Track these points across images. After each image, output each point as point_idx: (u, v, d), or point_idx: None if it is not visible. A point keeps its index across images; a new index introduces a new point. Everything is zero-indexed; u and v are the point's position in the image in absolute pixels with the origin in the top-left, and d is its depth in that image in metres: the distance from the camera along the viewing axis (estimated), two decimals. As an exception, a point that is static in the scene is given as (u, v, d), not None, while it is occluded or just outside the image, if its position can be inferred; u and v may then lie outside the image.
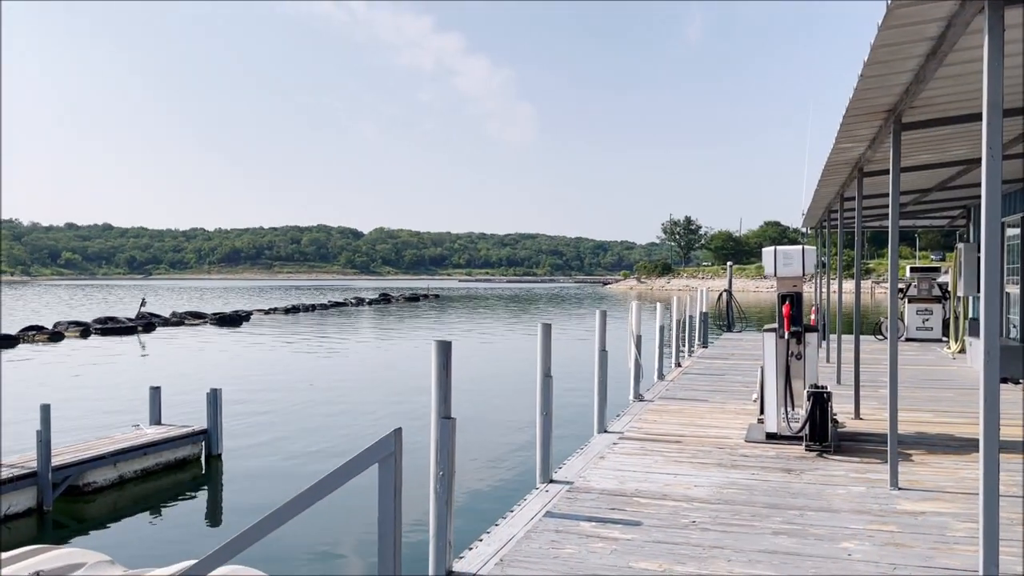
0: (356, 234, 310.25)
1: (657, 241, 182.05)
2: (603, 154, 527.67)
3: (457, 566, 5.05)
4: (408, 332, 40.71)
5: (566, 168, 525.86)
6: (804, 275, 8.56)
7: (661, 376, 13.93)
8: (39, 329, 36.59)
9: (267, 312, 56.30)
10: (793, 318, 8.46)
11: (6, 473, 9.59)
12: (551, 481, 7.07)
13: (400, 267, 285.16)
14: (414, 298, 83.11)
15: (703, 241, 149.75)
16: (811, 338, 8.55)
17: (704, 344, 20.19)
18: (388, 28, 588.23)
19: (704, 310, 20.96)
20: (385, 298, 79.38)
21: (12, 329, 36.56)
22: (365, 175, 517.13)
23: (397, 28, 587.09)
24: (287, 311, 57.87)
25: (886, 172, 9.23)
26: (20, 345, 32.75)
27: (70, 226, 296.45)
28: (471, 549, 5.38)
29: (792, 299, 8.53)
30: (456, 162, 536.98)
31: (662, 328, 14.62)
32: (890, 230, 6.69)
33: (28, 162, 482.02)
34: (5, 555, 6.26)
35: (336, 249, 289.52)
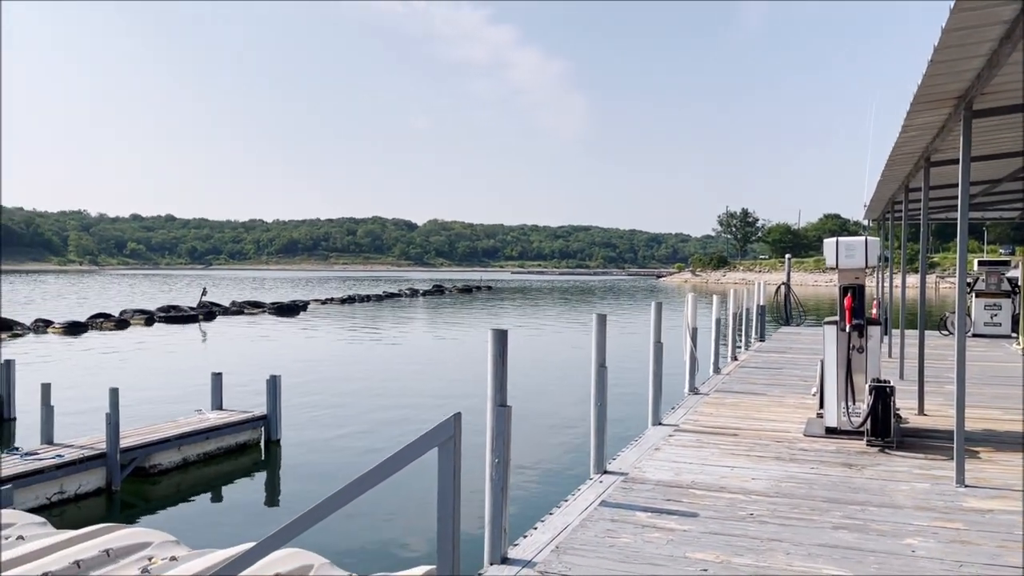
0: (410, 226, 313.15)
1: (713, 234, 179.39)
2: (658, 145, 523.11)
3: (512, 553, 5.08)
4: (462, 323, 40.97)
5: (620, 159, 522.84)
6: (867, 267, 8.37)
7: (717, 369, 13.77)
8: (106, 316, 37.82)
9: (324, 302, 57.23)
10: (855, 311, 8.27)
11: (78, 454, 9.95)
12: (605, 472, 7.05)
13: (453, 259, 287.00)
14: (467, 290, 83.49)
15: (760, 234, 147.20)
16: (873, 331, 8.36)
17: (761, 338, 19.87)
18: (443, 21, 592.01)
19: (761, 303, 20.63)
20: (439, 289, 79.96)
21: (81, 316, 37.85)
22: (419, 167, 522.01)
23: (452, 21, 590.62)
24: (343, 301, 58.74)
25: (955, 162, 8.98)
26: (89, 331, 33.89)
27: (135, 217, 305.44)
28: (526, 537, 5.40)
29: (854, 291, 8.34)
30: (509, 154, 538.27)
31: (718, 321, 14.44)
32: (959, 222, 6.49)
33: (96, 155, 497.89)
34: (76, 532, 6.50)
35: (391, 241, 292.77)
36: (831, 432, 8.36)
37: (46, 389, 10.98)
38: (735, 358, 15.67)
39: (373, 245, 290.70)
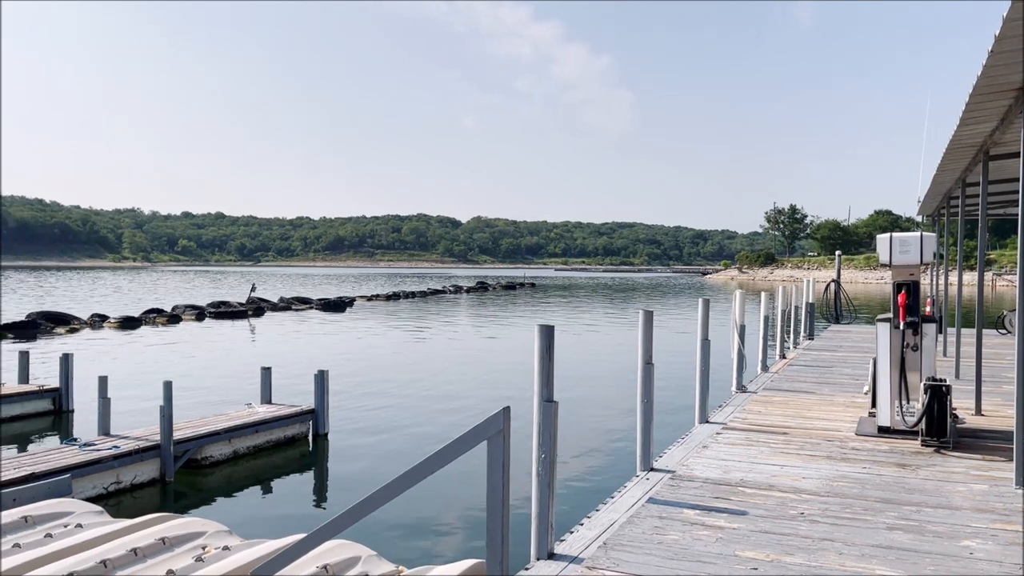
0: (454, 223, 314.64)
1: (760, 230, 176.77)
2: (704, 141, 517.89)
3: (559, 548, 5.07)
4: (506, 319, 41.04)
5: (665, 156, 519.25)
6: (922, 263, 8.17)
7: (765, 367, 13.58)
8: (159, 312, 38.71)
9: (369, 298, 57.77)
10: (909, 308, 8.09)
11: (133, 445, 10.20)
12: (652, 469, 7.01)
13: (497, 256, 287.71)
14: (511, 286, 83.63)
15: (808, 230, 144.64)
16: (929, 329, 8.16)
17: (810, 336, 19.56)
18: (487, 18, 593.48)
19: (810, 301, 20.30)
20: (482, 286, 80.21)
21: (135, 311, 38.78)
22: (464, 164, 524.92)
23: (496, 17, 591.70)
24: (388, 298, 59.24)
25: (1015, 155, 8.72)
26: (142, 326, 34.71)
27: (186, 215, 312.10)
28: (572, 533, 5.39)
29: (908, 288, 8.16)
30: (553, 150, 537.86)
31: (766, 319, 14.24)
32: (1020, 217, 6.30)
33: (150, 155, 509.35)
34: (132, 521, 6.67)
35: (435, 238, 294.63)
36: (884, 431, 8.19)
37: (103, 382, 11.26)
38: (783, 356, 15.44)
39: (418, 242, 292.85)
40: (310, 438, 12.88)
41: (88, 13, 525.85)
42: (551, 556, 4.96)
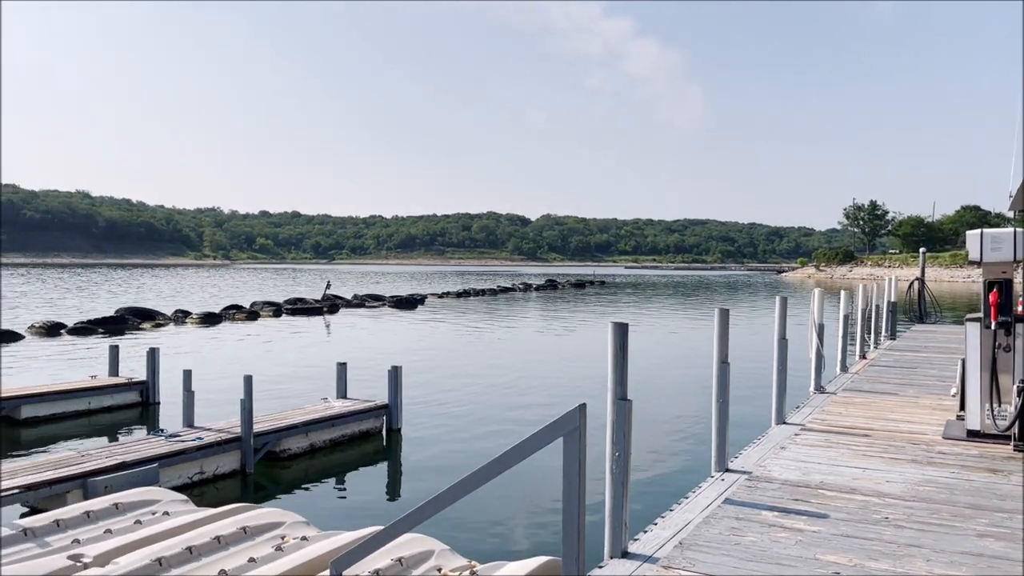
0: (524, 221, 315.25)
1: (838, 227, 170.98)
2: (779, 135, 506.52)
3: (633, 547, 5.03)
4: (575, 317, 40.93)
5: (739, 151, 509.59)
6: (1015, 261, 7.81)
7: (844, 368, 13.20)
8: (238, 308, 39.90)
9: (441, 296, 58.37)
10: (1001, 307, 7.75)
11: (215, 437, 10.53)
12: (727, 470, 6.89)
13: (566, 254, 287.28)
14: (580, 284, 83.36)
15: (890, 227, 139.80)
16: (1022, 329, 7.80)
17: (892, 336, 18.93)
18: (557, 15, 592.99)
19: (892, 299, 19.65)
20: (552, 284, 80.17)
21: (216, 308, 40.08)
22: (533, 162, 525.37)
23: (566, 14, 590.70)
24: (459, 295, 59.75)
25: (1118, 145, 8.23)
26: (223, 322, 35.82)
27: (264, 214, 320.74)
28: (646, 532, 5.34)
29: (1001, 286, 7.81)
30: (624, 147, 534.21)
31: (846, 318, 13.84)
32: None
33: (230, 155, 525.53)
34: (215, 510, 6.89)
35: (504, 236, 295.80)
36: (973, 435, 7.87)
37: (187, 375, 11.65)
38: (864, 356, 14.99)
39: (487, 240, 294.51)
40: (384, 433, 13.08)
41: (172, 13, 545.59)
42: (625, 555, 4.93)
